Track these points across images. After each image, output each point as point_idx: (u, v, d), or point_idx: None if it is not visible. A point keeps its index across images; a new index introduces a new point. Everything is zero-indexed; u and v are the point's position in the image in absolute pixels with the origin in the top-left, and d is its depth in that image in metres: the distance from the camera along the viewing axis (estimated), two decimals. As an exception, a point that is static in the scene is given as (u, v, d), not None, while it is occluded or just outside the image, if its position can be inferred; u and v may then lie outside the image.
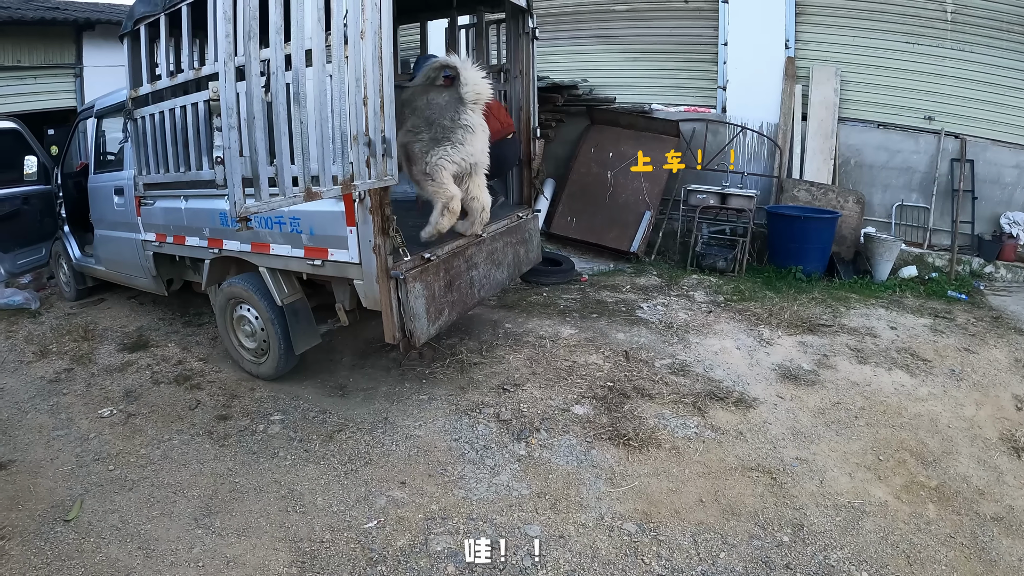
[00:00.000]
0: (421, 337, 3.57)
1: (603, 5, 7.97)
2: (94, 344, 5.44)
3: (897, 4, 6.92)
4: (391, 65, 2.99)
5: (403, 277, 3.43)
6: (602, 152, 7.54)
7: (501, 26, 5.24)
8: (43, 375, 4.88)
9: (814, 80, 7.27)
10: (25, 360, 5.24)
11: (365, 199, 3.31)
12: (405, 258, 3.44)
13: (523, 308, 5.59)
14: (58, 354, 5.31)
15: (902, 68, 7.07)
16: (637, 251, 6.98)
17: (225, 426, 3.91)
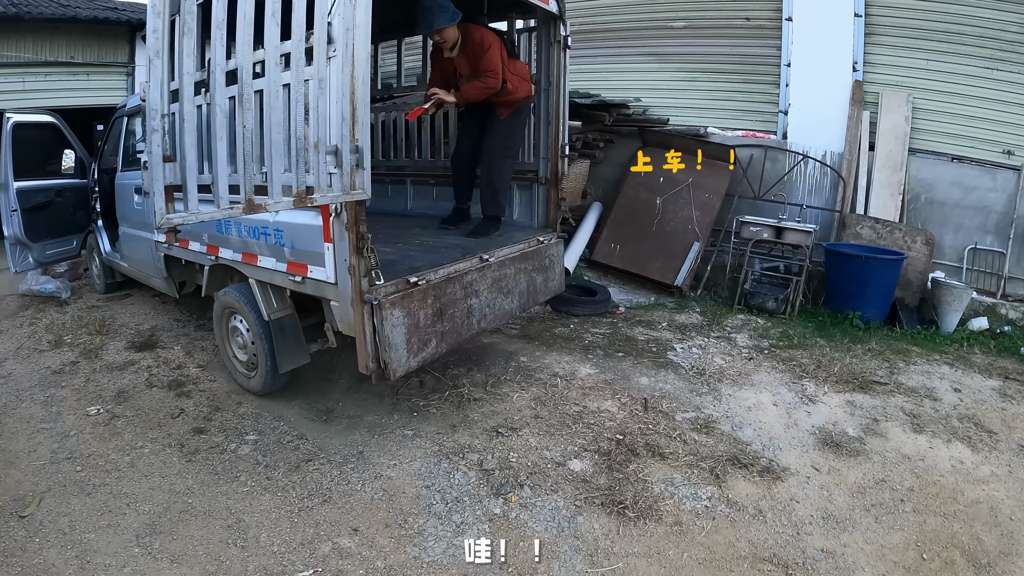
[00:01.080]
0: (398, 370, 3.14)
1: (659, 21, 7.39)
2: (106, 339, 5.35)
3: (976, 26, 6.07)
4: (366, 67, 2.58)
5: (378, 302, 3.01)
6: (652, 176, 6.96)
7: (533, 35, 4.80)
8: (50, 365, 4.86)
9: (883, 106, 6.49)
10: (39, 348, 5.26)
11: (342, 214, 2.91)
12: (378, 282, 3.00)
13: (544, 340, 5.07)
14: (70, 346, 5.28)
15: (980, 96, 6.19)
16: (681, 285, 6.35)
17: (198, 440, 3.68)
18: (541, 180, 4.65)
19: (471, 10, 4.74)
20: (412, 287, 3.21)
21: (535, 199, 4.74)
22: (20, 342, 5.42)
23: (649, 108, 7.49)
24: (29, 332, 5.62)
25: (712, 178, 6.75)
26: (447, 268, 3.47)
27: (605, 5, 7.63)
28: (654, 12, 7.37)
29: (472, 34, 4.23)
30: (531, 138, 4.73)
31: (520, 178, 4.79)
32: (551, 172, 4.56)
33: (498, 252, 3.89)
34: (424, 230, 4.60)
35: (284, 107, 2.48)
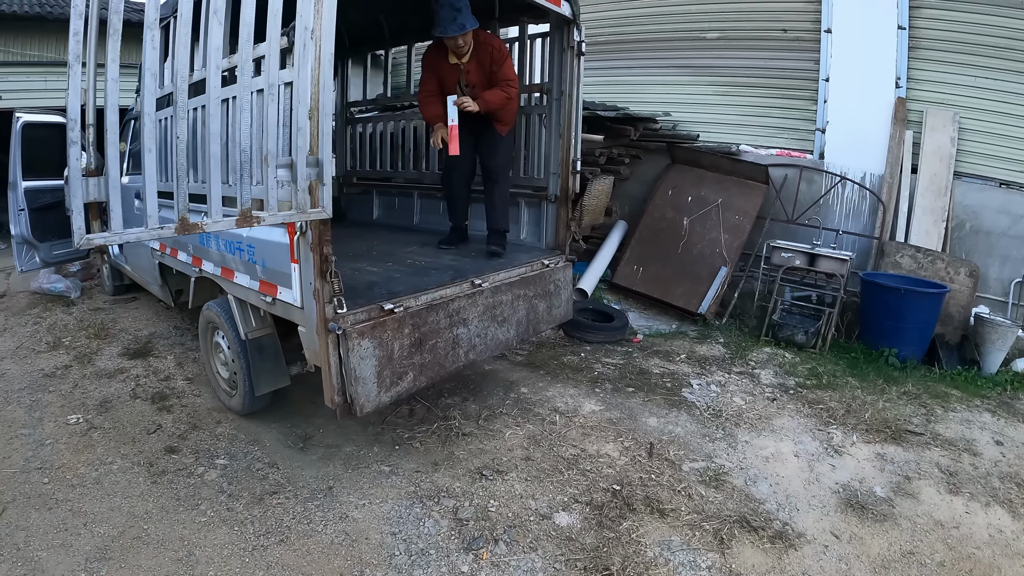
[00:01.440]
0: (366, 405, 2.82)
1: (692, 32, 6.96)
2: (103, 344, 5.25)
3: (1027, 41, 5.50)
4: (329, 70, 2.28)
5: (343, 331, 2.69)
6: (680, 195, 6.54)
7: (543, 41, 4.45)
8: (43, 367, 4.78)
9: (927, 126, 5.94)
10: (37, 349, 5.18)
11: (307, 233, 2.61)
12: (340, 310, 2.70)
13: (551, 369, 4.71)
14: (67, 348, 5.19)
15: (1031, 117, 5.60)
16: (706, 312, 5.91)
17: (168, 461, 3.46)
18: (550, 198, 4.30)
19: (483, 14, 4.45)
20: (386, 315, 2.89)
21: (544, 218, 4.39)
22: (21, 341, 5.37)
23: (679, 123, 7.06)
24: (32, 331, 5.57)
25: (743, 199, 6.30)
26: (431, 294, 3.14)
27: (634, 15, 7.24)
28: (686, 23, 6.95)
29: (489, 40, 3.98)
30: (540, 152, 4.40)
31: (528, 195, 4.44)
32: (561, 189, 4.21)
33: (493, 277, 3.55)
34: (423, 248, 4.31)
35: (222, 117, 2.20)
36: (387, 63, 5.75)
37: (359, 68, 6.09)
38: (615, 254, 6.70)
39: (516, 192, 4.50)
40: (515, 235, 4.53)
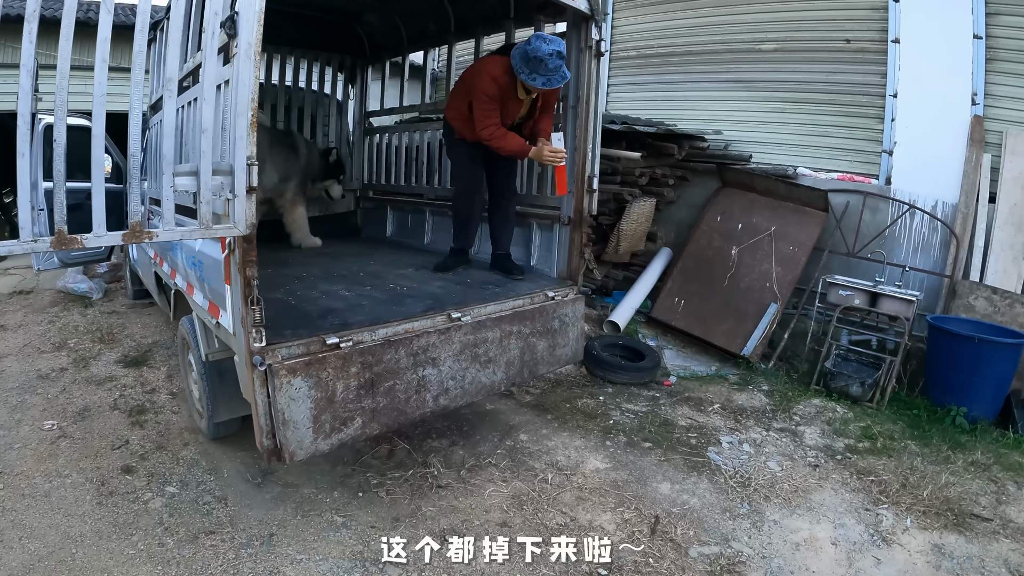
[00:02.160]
0: (297, 452, 2.36)
1: (745, 43, 6.21)
2: (104, 349, 5.06)
3: None
4: (250, 70, 1.84)
5: (269, 367, 2.24)
6: (729, 222, 5.83)
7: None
8: (41, 368, 4.65)
9: (1007, 148, 5.02)
10: (42, 349, 5.07)
11: (235, 251, 2.18)
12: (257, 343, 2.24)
13: (561, 413, 4.10)
14: (70, 350, 5.04)
15: None
16: (750, 355, 5.18)
17: (120, 481, 3.20)
18: (563, 220, 3.74)
19: (496, 15, 3.99)
20: (328, 350, 2.41)
21: (555, 243, 3.83)
22: (30, 339, 5.29)
23: (731, 143, 6.34)
24: (44, 330, 5.47)
25: (799, 227, 5.55)
26: (392, 327, 2.64)
27: (683, 26, 6.58)
28: (739, 33, 6.23)
29: None
30: (552, 167, 3.85)
31: (540, 216, 3.92)
32: (575, 210, 3.65)
33: (477, 310, 3.02)
34: (417, 271, 3.83)
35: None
36: (427, 70, 5.33)
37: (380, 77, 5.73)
38: (656, 284, 6.03)
39: (527, 212, 3.99)
40: (524, 261, 4.02)
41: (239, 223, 2.07)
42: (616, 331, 5.42)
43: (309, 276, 3.56)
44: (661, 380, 4.80)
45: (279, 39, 5.03)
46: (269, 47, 5.04)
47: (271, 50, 5.08)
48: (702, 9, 6.40)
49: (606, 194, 5.56)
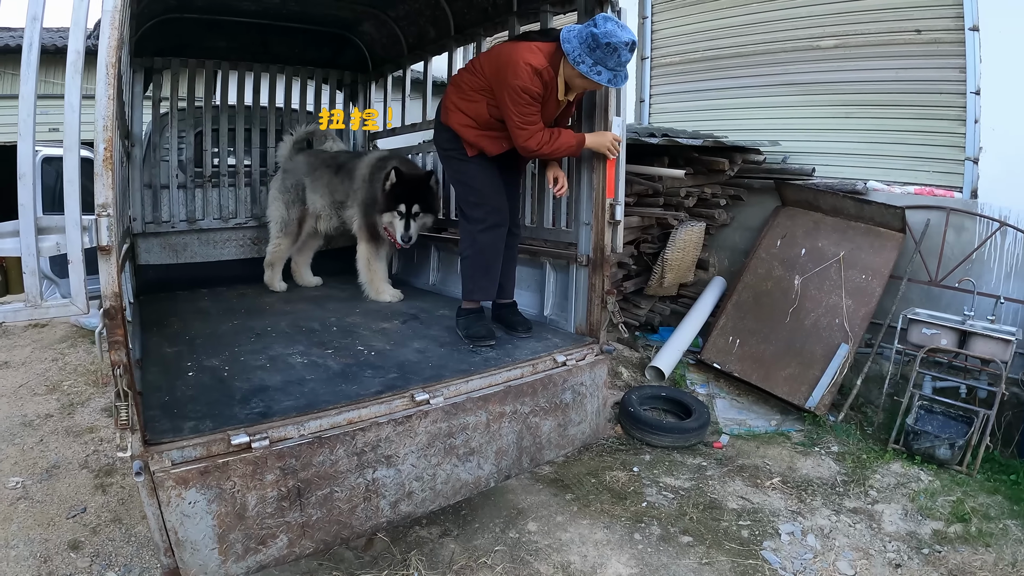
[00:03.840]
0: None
1: (802, 41, 5.26)
2: (96, 393, 4.61)
3: None
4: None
5: (152, 475, 1.66)
6: (791, 247, 4.92)
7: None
8: (27, 413, 4.28)
9: None
10: (36, 391, 4.69)
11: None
12: (122, 452, 1.62)
13: (583, 492, 3.29)
14: (62, 393, 4.64)
15: None
16: (816, 407, 4.25)
17: (62, 559, 2.77)
18: (580, 260, 2.94)
19: (496, 8, 3.28)
20: (233, 452, 1.77)
21: (571, 289, 3.02)
22: (28, 379, 4.96)
23: (789, 155, 5.41)
24: (44, 368, 5.13)
25: (872, 252, 4.61)
26: (328, 417, 1.95)
27: (731, 25, 5.68)
28: (795, 30, 5.30)
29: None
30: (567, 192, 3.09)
31: (554, 255, 3.15)
32: (595, 247, 2.85)
33: (454, 387, 2.27)
34: (404, 324, 3.13)
35: None
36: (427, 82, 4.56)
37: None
38: (707, 320, 5.14)
39: (538, 250, 3.22)
40: (537, 310, 3.23)
41: (76, 297, 1.58)
42: (660, 378, 4.58)
43: (271, 332, 2.96)
44: (711, 442, 3.95)
45: (270, 56, 4.52)
46: (258, 66, 4.51)
47: (260, 69, 4.54)
48: (750, 5, 5.50)
49: (648, 219, 4.77)
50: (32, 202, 1.57)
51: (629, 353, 4.83)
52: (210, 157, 4.49)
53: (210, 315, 3.31)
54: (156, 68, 4.12)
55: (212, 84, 4.42)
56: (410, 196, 3.42)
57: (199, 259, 4.36)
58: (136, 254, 4.08)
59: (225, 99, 4.45)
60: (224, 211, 4.50)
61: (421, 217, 3.51)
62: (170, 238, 4.27)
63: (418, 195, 3.45)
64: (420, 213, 3.49)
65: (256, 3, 3.82)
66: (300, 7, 3.94)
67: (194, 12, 3.83)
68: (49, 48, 6.92)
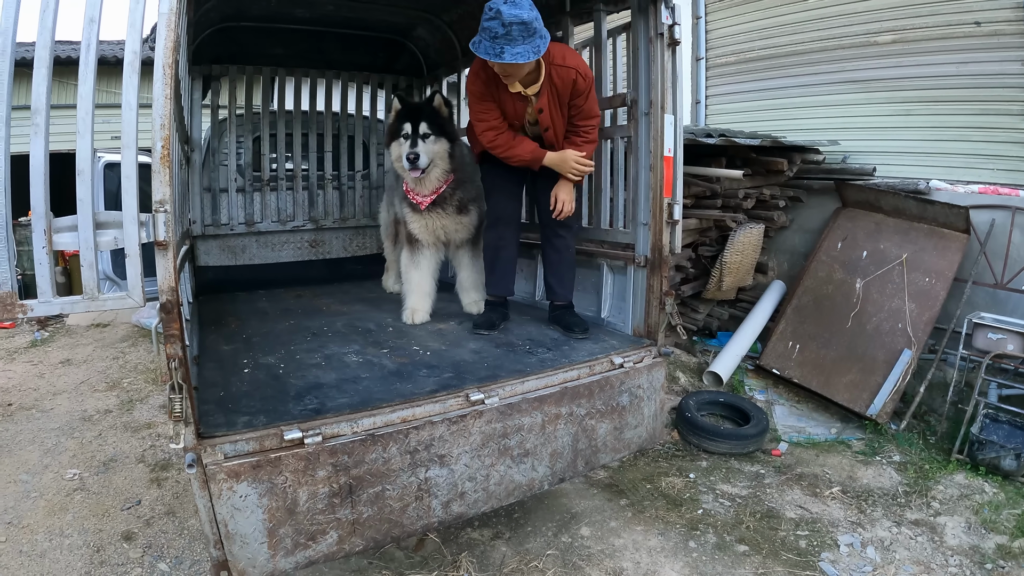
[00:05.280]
0: (249, 571, 1.69)
1: (859, 36, 4.98)
2: (154, 391, 4.68)
3: None
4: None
5: (204, 468, 1.61)
6: (852, 249, 4.65)
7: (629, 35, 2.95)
8: (87, 409, 4.36)
9: None
10: (96, 387, 4.79)
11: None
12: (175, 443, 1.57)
13: (638, 497, 3.14)
14: (121, 390, 4.74)
15: None
16: (877, 415, 3.98)
17: (116, 549, 2.77)
18: (638, 261, 2.80)
19: (550, 9, 3.15)
20: (286, 447, 1.70)
21: (629, 290, 2.87)
22: (89, 376, 5.06)
23: (849, 154, 5.12)
24: (105, 367, 5.24)
25: (935, 254, 4.32)
26: (382, 415, 1.87)
27: (787, 22, 5.43)
28: (851, 25, 5.03)
29: (566, 59, 2.62)
30: (623, 193, 2.95)
31: (611, 256, 3.00)
32: (653, 248, 2.70)
33: (510, 387, 2.16)
34: (460, 326, 3.00)
35: None
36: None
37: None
38: (767, 324, 4.89)
39: (595, 251, 3.09)
40: (595, 312, 3.09)
41: (132, 291, 1.54)
42: (718, 384, 4.38)
43: (326, 331, 2.89)
44: (769, 449, 3.73)
45: (325, 62, 4.50)
46: (314, 71, 4.51)
47: (316, 74, 4.53)
48: (805, 1, 5.27)
49: (706, 221, 4.58)
50: (90, 197, 1.56)
51: (687, 358, 4.66)
52: (268, 161, 4.48)
53: (267, 315, 3.27)
54: (214, 75, 4.14)
55: (269, 90, 4.41)
56: (414, 115, 2.89)
57: (257, 261, 4.35)
58: (196, 255, 4.09)
59: (282, 104, 4.43)
60: (282, 214, 4.49)
61: (432, 141, 2.88)
62: (229, 240, 4.28)
63: (424, 114, 2.89)
64: (430, 135, 2.87)
65: (311, 10, 3.79)
66: (354, 13, 3.89)
67: (250, 20, 3.82)
68: (109, 59, 7.14)
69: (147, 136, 1.54)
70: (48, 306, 1.57)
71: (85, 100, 1.50)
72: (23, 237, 5.80)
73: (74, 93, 1.49)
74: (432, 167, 2.89)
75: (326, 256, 4.44)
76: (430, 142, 2.87)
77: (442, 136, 2.91)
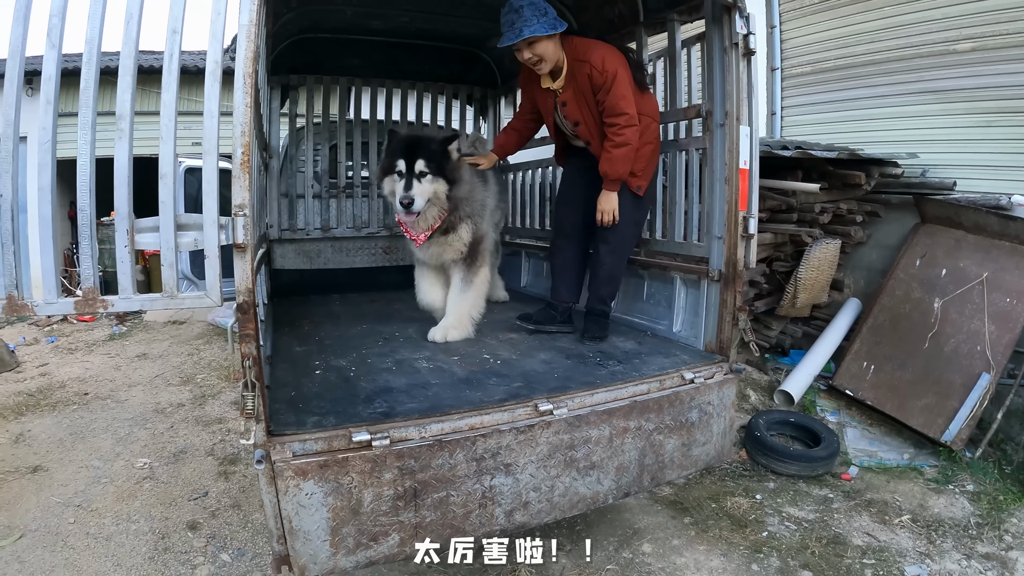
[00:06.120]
0: (311, 567, 1.68)
1: (936, 44, 4.67)
2: (227, 388, 4.79)
3: None
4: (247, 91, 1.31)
5: (272, 465, 1.62)
6: (931, 267, 4.33)
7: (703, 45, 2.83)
8: (160, 401, 4.49)
9: None
10: (170, 381, 4.95)
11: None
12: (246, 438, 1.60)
13: (702, 516, 2.98)
14: (195, 386, 4.87)
15: None
16: (952, 441, 3.69)
17: (180, 538, 2.82)
18: (712, 275, 2.68)
19: (625, 20, 3.09)
20: (354, 449, 1.68)
21: (702, 305, 2.75)
22: (164, 370, 5.23)
23: (928, 168, 4.81)
24: (180, 362, 5.39)
25: (1016, 274, 3.99)
26: (450, 421, 1.83)
27: (864, 31, 5.15)
28: (928, 33, 4.73)
29: (586, 53, 2.62)
30: (697, 206, 2.85)
31: (684, 269, 2.89)
32: (727, 262, 2.58)
33: (579, 399, 2.09)
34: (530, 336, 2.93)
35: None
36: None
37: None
38: (841, 343, 4.62)
39: (666, 264, 2.99)
40: (667, 326, 2.98)
41: (211, 291, 1.58)
42: (789, 403, 4.16)
43: (398, 337, 2.88)
44: (839, 472, 3.51)
45: (401, 72, 4.51)
46: (389, 82, 4.53)
47: (391, 85, 4.56)
48: (882, 9, 4.99)
49: (781, 236, 4.40)
50: (172, 200, 1.60)
51: (758, 375, 4.45)
52: (344, 169, 4.52)
53: (340, 318, 3.28)
54: (292, 85, 4.21)
55: (346, 100, 4.45)
56: (410, 151, 2.63)
57: (332, 266, 4.35)
58: (272, 259, 4.16)
59: (358, 114, 4.45)
60: (357, 221, 4.50)
61: (429, 180, 2.63)
62: (305, 245, 4.32)
63: (421, 150, 2.64)
64: (427, 174, 2.62)
65: (386, 22, 3.82)
66: (429, 25, 3.89)
67: (327, 32, 3.88)
68: (190, 68, 7.46)
69: (227, 142, 1.57)
70: (128, 303, 1.61)
71: (168, 107, 1.55)
72: (105, 236, 6.09)
73: (157, 100, 1.52)
74: (429, 207, 2.69)
75: (400, 263, 4.39)
76: (427, 182, 2.64)
77: (440, 176, 2.67)
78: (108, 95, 1.56)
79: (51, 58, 1.49)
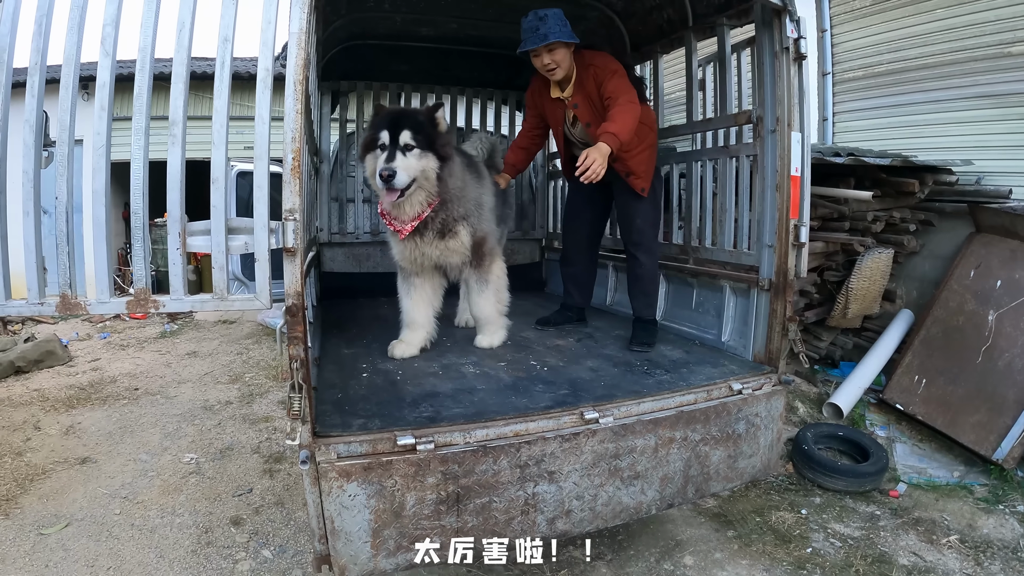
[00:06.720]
0: (350, 568, 1.68)
1: (988, 47, 4.45)
2: (274, 387, 4.82)
3: None
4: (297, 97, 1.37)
5: (317, 465, 1.64)
6: (986, 278, 4.11)
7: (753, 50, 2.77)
8: (209, 399, 4.55)
9: None
10: (219, 380, 5.00)
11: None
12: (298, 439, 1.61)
13: (746, 530, 2.88)
14: (242, 384, 4.92)
15: None
16: (1004, 459, 3.48)
17: (223, 532, 2.84)
18: (762, 284, 2.61)
19: (674, 26, 3.04)
20: (398, 452, 1.68)
21: (751, 314, 2.69)
22: (213, 368, 5.29)
23: (983, 175, 4.57)
24: (229, 361, 5.46)
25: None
26: (495, 427, 1.80)
27: (912, 34, 4.96)
28: (981, 36, 4.51)
29: (591, 58, 2.77)
30: (747, 214, 2.76)
31: (734, 278, 2.82)
32: (777, 271, 2.51)
33: (625, 408, 2.04)
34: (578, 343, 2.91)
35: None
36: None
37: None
38: (892, 356, 4.43)
39: (717, 273, 2.93)
40: (715, 335, 2.92)
41: (260, 293, 1.60)
42: (838, 417, 3.99)
43: (445, 341, 2.87)
44: (887, 489, 3.36)
45: (450, 78, 4.52)
46: (439, 87, 4.53)
47: (441, 90, 4.55)
48: (934, 11, 4.79)
49: (832, 244, 4.27)
50: (223, 204, 1.62)
51: (807, 387, 4.30)
52: None
53: (388, 322, 3.25)
54: (342, 91, 4.23)
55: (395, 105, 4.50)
56: (395, 123, 2.33)
57: (381, 269, 4.31)
58: (321, 262, 4.19)
59: None
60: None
61: (415, 155, 2.32)
62: (354, 248, 4.35)
63: (407, 122, 2.34)
64: (413, 148, 2.31)
65: (435, 29, 3.83)
66: (477, 31, 3.89)
67: (376, 38, 3.90)
68: (242, 75, 7.64)
69: (279, 147, 1.59)
70: (180, 303, 1.65)
71: (220, 113, 1.57)
72: (158, 236, 6.24)
73: (209, 106, 1.54)
74: (415, 189, 2.36)
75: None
76: (412, 156, 2.31)
77: (429, 151, 2.35)
78: (161, 99, 1.59)
79: (105, 66, 1.53)
